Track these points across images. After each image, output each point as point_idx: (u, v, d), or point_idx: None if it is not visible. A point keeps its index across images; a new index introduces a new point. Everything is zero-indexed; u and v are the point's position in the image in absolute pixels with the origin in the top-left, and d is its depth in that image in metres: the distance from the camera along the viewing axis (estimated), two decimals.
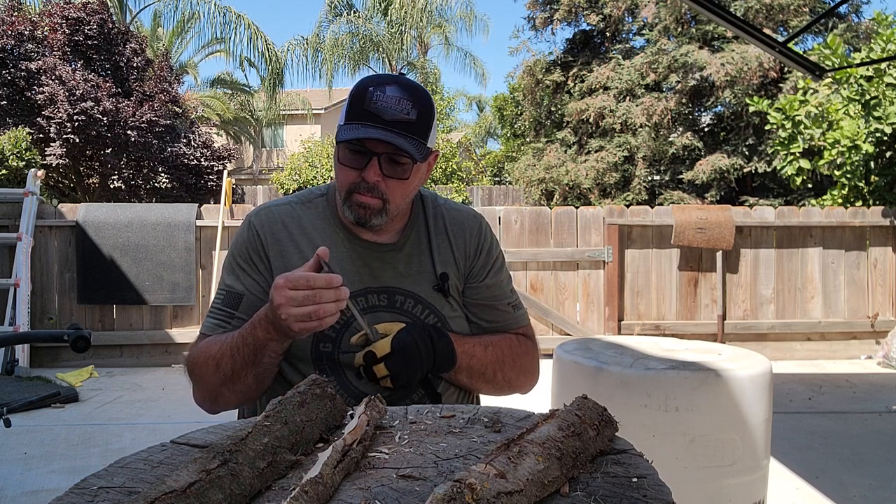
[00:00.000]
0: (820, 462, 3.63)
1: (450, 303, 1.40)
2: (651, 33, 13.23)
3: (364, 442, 0.85)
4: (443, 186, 11.91)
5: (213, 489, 0.70)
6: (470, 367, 1.37)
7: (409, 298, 1.37)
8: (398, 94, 1.26)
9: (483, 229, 1.48)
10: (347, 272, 1.35)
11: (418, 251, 1.41)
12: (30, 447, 3.86)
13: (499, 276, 1.48)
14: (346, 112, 1.28)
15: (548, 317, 6.02)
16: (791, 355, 6.16)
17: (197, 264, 5.98)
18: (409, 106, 1.26)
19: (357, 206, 1.30)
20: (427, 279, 1.39)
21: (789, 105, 7.04)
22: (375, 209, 1.30)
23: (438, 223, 1.45)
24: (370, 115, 1.25)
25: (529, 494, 0.69)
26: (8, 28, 9.16)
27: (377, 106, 1.25)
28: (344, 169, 1.30)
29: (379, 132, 1.24)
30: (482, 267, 1.45)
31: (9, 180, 7.31)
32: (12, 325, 5.38)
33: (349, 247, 1.38)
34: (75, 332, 1.76)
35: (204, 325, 1.37)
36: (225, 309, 1.35)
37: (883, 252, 6.28)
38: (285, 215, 1.40)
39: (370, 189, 1.28)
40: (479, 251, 1.45)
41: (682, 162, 12.95)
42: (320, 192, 1.46)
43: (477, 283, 1.44)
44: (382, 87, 1.26)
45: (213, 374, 1.28)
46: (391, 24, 18.92)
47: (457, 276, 1.42)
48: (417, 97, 1.28)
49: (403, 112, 1.25)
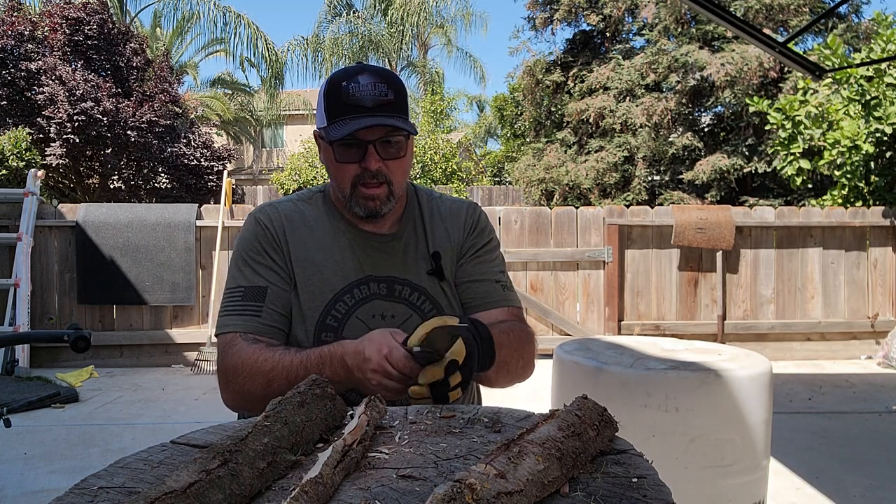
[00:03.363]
0: (820, 462, 3.63)
1: (443, 289, 1.42)
2: (651, 33, 13.23)
3: (364, 442, 0.85)
4: (443, 186, 11.92)
5: (213, 489, 0.70)
6: (500, 360, 1.26)
7: (405, 286, 1.39)
8: (371, 80, 1.29)
9: (478, 213, 1.51)
10: (350, 262, 1.38)
11: (414, 239, 1.44)
12: (30, 447, 3.86)
13: (491, 255, 1.50)
14: (326, 112, 1.31)
15: (548, 317, 6.02)
16: (791, 355, 6.16)
17: (197, 264, 5.98)
18: (385, 87, 1.29)
19: (365, 199, 1.33)
20: (422, 266, 1.42)
21: (789, 105, 7.04)
22: (382, 198, 1.34)
23: (434, 214, 1.48)
24: (352, 107, 1.28)
25: (529, 494, 0.69)
26: (8, 28, 9.16)
27: (356, 96, 1.27)
28: (342, 166, 1.32)
29: (371, 119, 1.27)
30: (473, 245, 1.48)
31: (9, 180, 7.31)
32: (12, 325, 5.38)
33: (351, 238, 1.41)
34: (75, 332, 1.75)
35: (231, 325, 1.32)
36: (251, 304, 1.33)
37: (883, 252, 6.29)
38: (289, 211, 1.43)
39: (374, 176, 1.31)
40: (473, 229, 1.48)
41: (682, 162, 12.95)
42: (318, 189, 1.49)
43: (468, 258, 1.46)
44: (354, 78, 1.29)
45: (262, 390, 1.24)
46: (391, 24, 18.92)
47: (451, 261, 1.44)
48: (389, 78, 1.31)
49: (382, 94, 1.28)
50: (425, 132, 12.72)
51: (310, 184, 13.55)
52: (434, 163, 12.03)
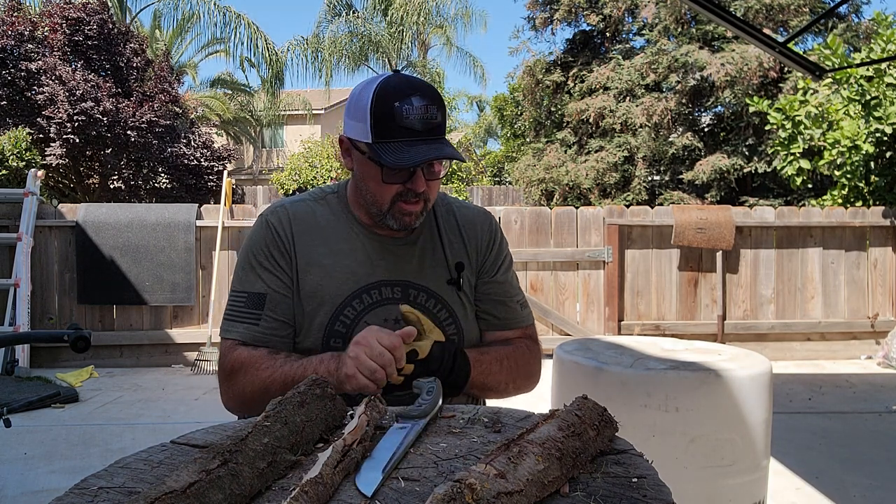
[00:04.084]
0: (820, 462, 3.63)
1: (461, 298, 1.41)
2: (651, 33, 13.22)
3: (364, 442, 0.86)
4: (443, 186, 11.92)
5: (213, 489, 0.70)
6: (483, 384, 1.38)
7: (422, 292, 1.38)
8: (423, 103, 1.25)
9: (494, 227, 1.51)
10: (363, 265, 1.37)
11: (431, 246, 1.43)
12: (30, 447, 3.86)
13: (509, 272, 1.50)
14: (374, 130, 1.26)
15: (548, 317, 6.02)
16: (791, 355, 6.16)
17: (197, 264, 5.98)
18: (435, 110, 1.27)
19: (402, 214, 1.32)
20: (440, 273, 1.41)
21: (789, 105, 7.04)
22: (418, 213, 1.34)
23: (450, 220, 1.47)
24: (405, 130, 1.25)
25: (529, 494, 0.69)
26: (8, 28, 9.16)
27: (410, 121, 1.24)
28: (386, 186, 1.31)
29: (432, 150, 1.25)
30: (493, 262, 1.47)
31: (9, 180, 7.31)
32: (12, 325, 5.38)
33: (364, 241, 1.39)
34: (75, 332, 1.75)
35: (233, 331, 1.35)
36: (251, 311, 1.35)
37: (883, 252, 6.28)
38: (301, 212, 1.41)
39: (416, 195, 1.30)
40: (491, 247, 1.48)
41: (682, 162, 12.94)
42: (332, 189, 1.47)
43: (489, 278, 1.46)
44: (408, 99, 1.25)
45: (260, 395, 1.26)
46: (391, 24, 18.92)
47: (469, 271, 1.44)
48: (437, 100, 1.29)
49: (433, 119, 1.26)
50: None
51: (310, 184, 13.54)
52: None
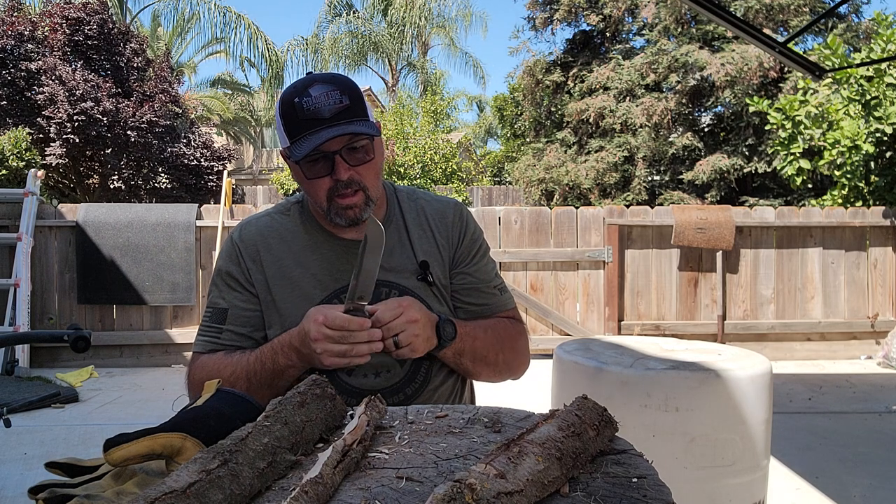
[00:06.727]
0: (820, 462, 3.63)
1: (435, 294, 1.42)
2: (651, 33, 13.22)
3: (364, 442, 0.85)
4: (443, 186, 11.89)
5: (213, 489, 0.70)
6: (473, 350, 1.38)
7: (394, 290, 1.39)
8: (323, 90, 1.27)
9: (464, 216, 1.50)
10: (329, 271, 1.38)
11: (399, 244, 1.43)
12: (30, 447, 3.86)
13: (483, 260, 1.50)
14: (286, 132, 1.29)
15: (548, 317, 6.02)
16: (791, 355, 6.16)
17: (197, 264, 5.98)
18: (339, 94, 1.27)
19: (342, 209, 1.33)
20: (411, 271, 1.41)
21: (789, 105, 7.04)
22: (360, 204, 1.33)
23: (419, 216, 1.47)
24: (310, 121, 1.26)
25: (529, 494, 0.69)
26: (8, 28, 9.15)
27: (311, 110, 1.26)
28: (314, 182, 1.32)
29: (331, 130, 1.25)
30: (467, 252, 1.48)
31: (9, 180, 7.31)
32: (12, 325, 5.38)
33: (330, 247, 1.40)
34: (75, 332, 1.75)
35: (196, 344, 1.41)
36: (213, 325, 1.39)
37: (883, 252, 6.29)
38: (265, 227, 1.44)
39: (347, 185, 1.30)
40: (462, 237, 1.48)
41: (682, 162, 12.94)
42: (295, 199, 1.49)
43: (463, 268, 1.47)
44: (305, 92, 1.27)
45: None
46: (391, 24, 18.92)
47: (441, 266, 1.44)
48: (341, 83, 1.29)
49: (337, 102, 1.26)
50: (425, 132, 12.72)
51: None
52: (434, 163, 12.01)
